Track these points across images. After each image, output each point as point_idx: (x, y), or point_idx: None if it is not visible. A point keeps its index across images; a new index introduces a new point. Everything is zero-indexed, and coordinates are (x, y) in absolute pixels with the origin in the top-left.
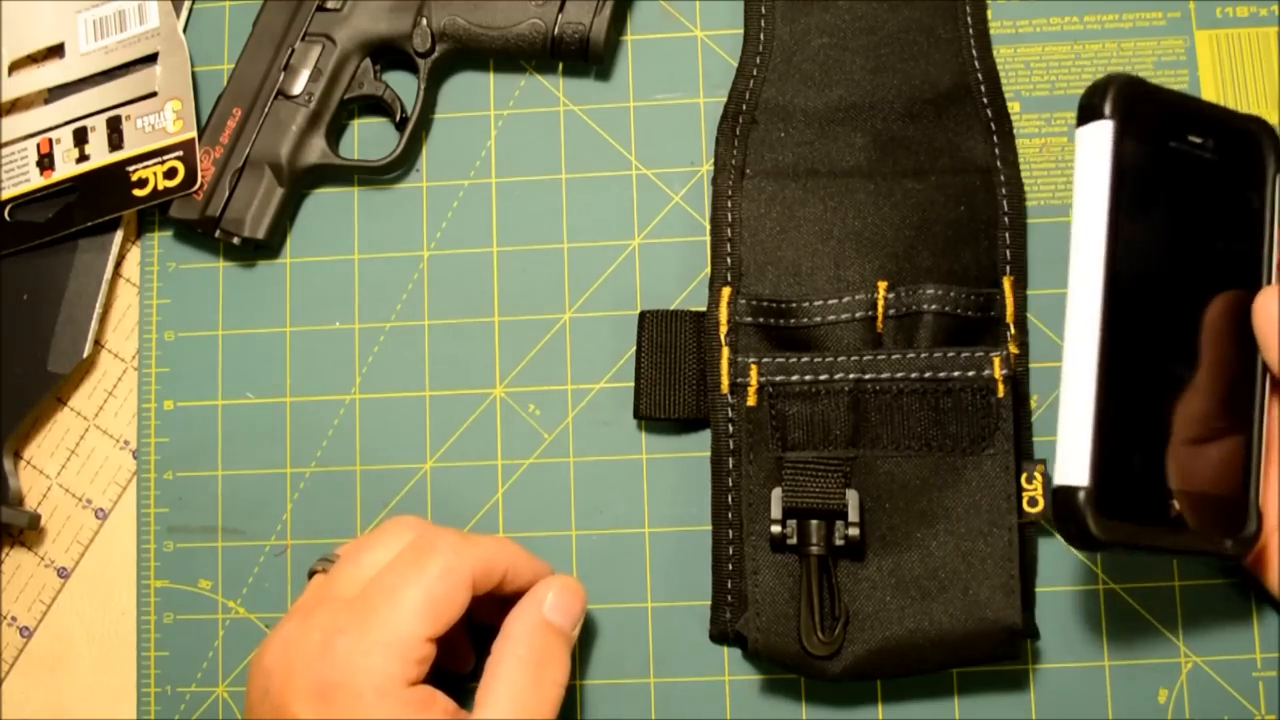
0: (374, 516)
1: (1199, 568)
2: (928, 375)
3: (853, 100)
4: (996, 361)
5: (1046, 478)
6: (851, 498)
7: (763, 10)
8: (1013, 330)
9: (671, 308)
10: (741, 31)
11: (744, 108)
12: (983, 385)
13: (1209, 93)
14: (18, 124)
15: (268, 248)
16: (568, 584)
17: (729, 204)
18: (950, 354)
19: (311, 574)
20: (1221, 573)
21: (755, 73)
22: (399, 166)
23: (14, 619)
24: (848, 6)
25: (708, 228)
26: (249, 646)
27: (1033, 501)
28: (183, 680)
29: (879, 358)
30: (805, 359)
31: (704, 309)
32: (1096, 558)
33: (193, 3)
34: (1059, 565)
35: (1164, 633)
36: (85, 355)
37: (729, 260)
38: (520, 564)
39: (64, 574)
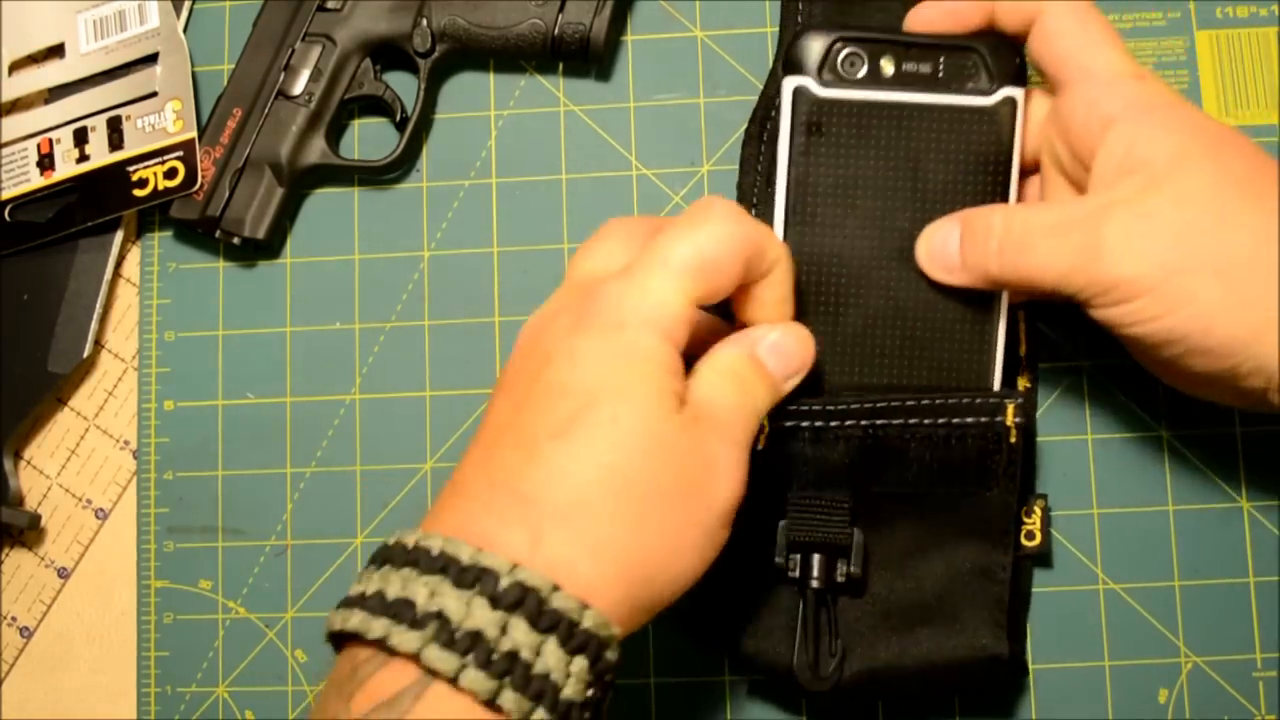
0: (374, 516)
1: (1201, 566)
2: (940, 421)
3: None
4: (1010, 409)
5: (1046, 512)
6: (856, 537)
7: (799, 17)
8: (1024, 366)
9: None
10: (742, 31)
11: (772, 113)
12: (995, 431)
13: (1209, 93)
14: (18, 124)
15: (268, 248)
16: (797, 331)
17: (752, 210)
18: (965, 400)
19: None
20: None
21: None
22: (399, 166)
23: (14, 619)
24: (885, 21)
25: None
26: (249, 646)
27: (1030, 535)
28: (183, 680)
29: (891, 404)
30: (816, 406)
31: None
32: (1097, 558)
33: (193, 3)
34: (1059, 565)
35: (1164, 633)
36: (85, 355)
37: None
38: (785, 269)
39: (64, 574)
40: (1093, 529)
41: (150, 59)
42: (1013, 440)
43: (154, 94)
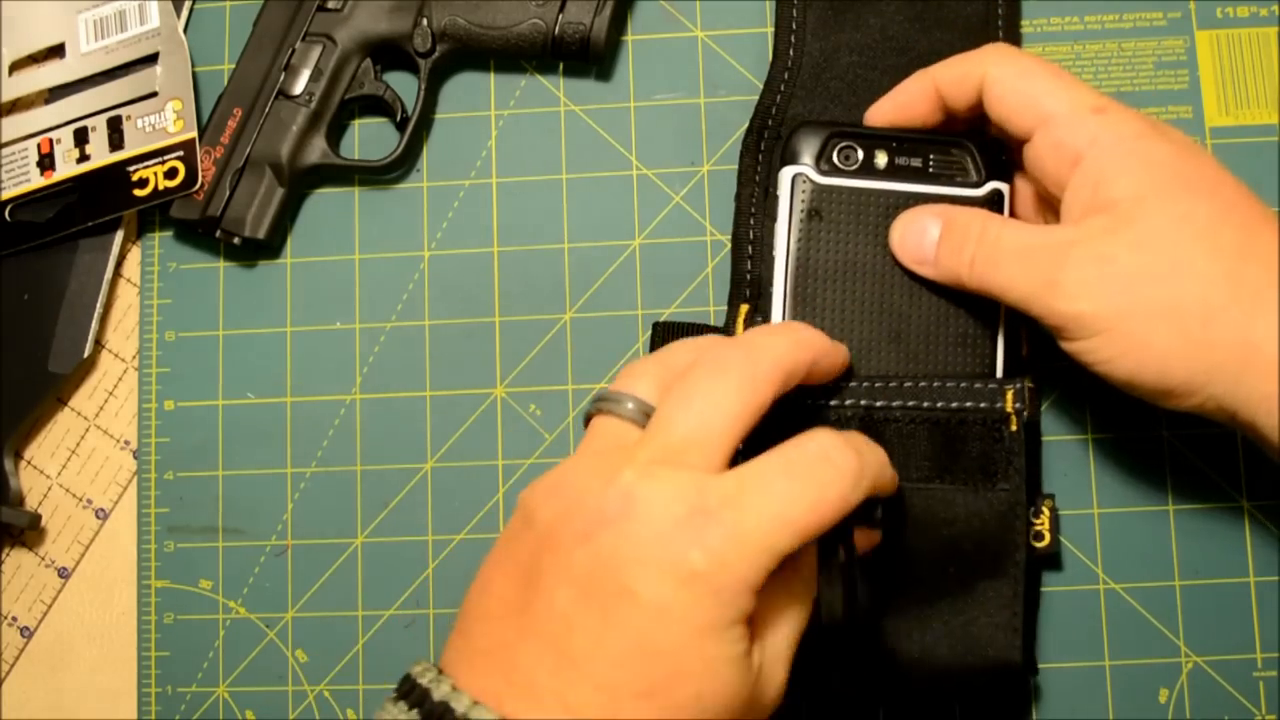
0: (374, 516)
1: (1201, 566)
2: (939, 405)
3: None
4: (1009, 394)
5: (1054, 512)
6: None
7: (794, 25)
8: (1027, 368)
9: (673, 309)
10: (742, 31)
11: (769, 123)
12: (995, 417)
13: (1209, 93)
14: (18, 124)
15: (268, 248)
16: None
17: (751, 221)
18: (963, 385)
19: (589, 417)
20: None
21: (783, 88)
22: (399, 166)
23: (14, 619)
24: (880, 25)
25: (707, 227)
26: (249, 646)
27: (1039, 536)
28: (183, 680)
29: (890, 385)
30: (815, 385)
31: (712, 321)
32: (1098, 558)
33: (193, 3)
34: (1059, 565)
35: (1164, 633)
36: (86, 355)
37: (748, 278)
38: (825, 359)
39: (64, 574)
40: (1093, 529)
41: (150, 59)
42: (1013, 428)
43: (154, 94)
